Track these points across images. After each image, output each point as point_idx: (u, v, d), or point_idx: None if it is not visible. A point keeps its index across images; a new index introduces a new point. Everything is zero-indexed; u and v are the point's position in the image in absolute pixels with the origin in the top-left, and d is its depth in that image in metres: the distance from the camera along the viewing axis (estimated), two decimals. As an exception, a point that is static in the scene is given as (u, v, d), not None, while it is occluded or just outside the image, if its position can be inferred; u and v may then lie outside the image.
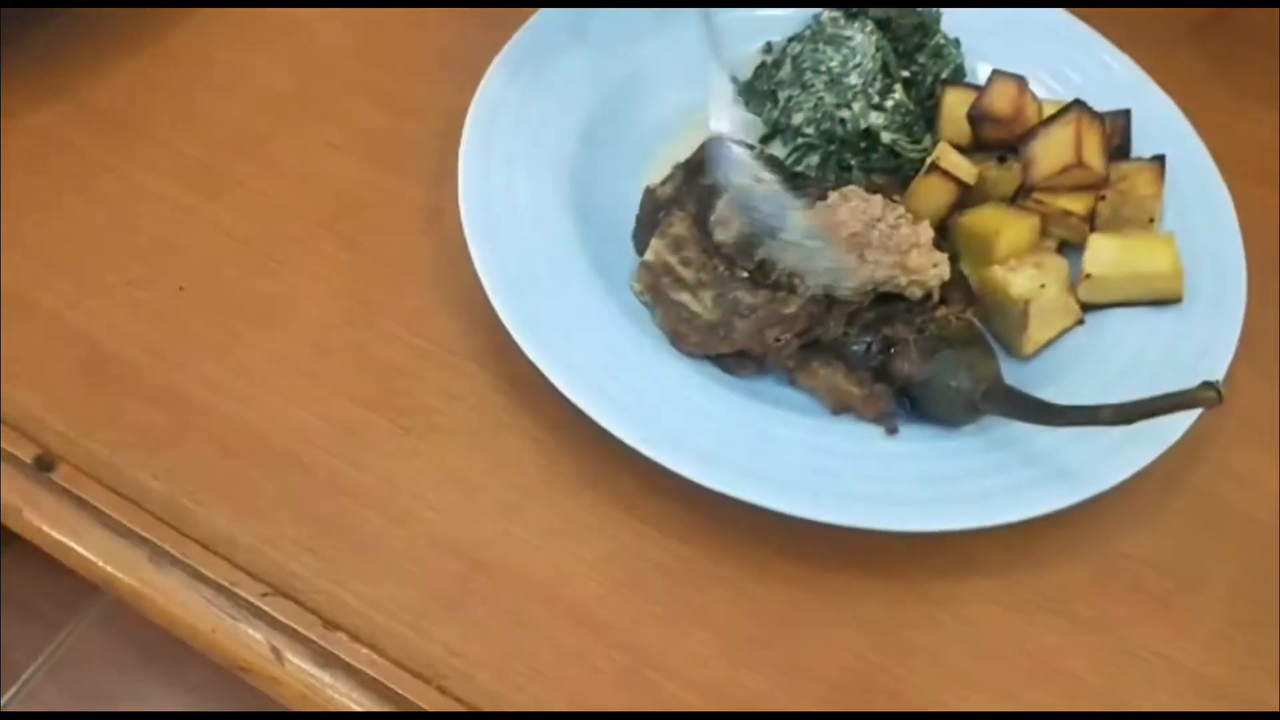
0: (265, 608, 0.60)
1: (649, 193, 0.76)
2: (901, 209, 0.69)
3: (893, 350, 0.65)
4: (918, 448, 0.64)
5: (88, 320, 0.69)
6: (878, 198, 0.71)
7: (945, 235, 0.72)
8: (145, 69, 0.81)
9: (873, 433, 0.65)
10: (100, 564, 0.62)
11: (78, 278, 0.70)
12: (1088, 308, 0.71)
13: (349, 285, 0.72)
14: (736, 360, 0.67)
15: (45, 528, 0.62)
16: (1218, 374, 0.67)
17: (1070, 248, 0.73)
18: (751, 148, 0.78)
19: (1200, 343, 0.69)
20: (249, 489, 0.63)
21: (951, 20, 0.82)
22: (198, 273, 0.71)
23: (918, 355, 0.64)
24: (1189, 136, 0.78)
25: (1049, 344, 0.70)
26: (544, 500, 0.64)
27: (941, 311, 0.66)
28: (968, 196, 0.73)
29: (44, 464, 0.63)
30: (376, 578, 0.61)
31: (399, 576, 0.61)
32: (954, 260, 0.70)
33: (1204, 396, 0.55)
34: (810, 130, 0.78)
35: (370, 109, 0.80)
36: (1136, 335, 0.69)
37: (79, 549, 0.62)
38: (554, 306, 0.67)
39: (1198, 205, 0.75)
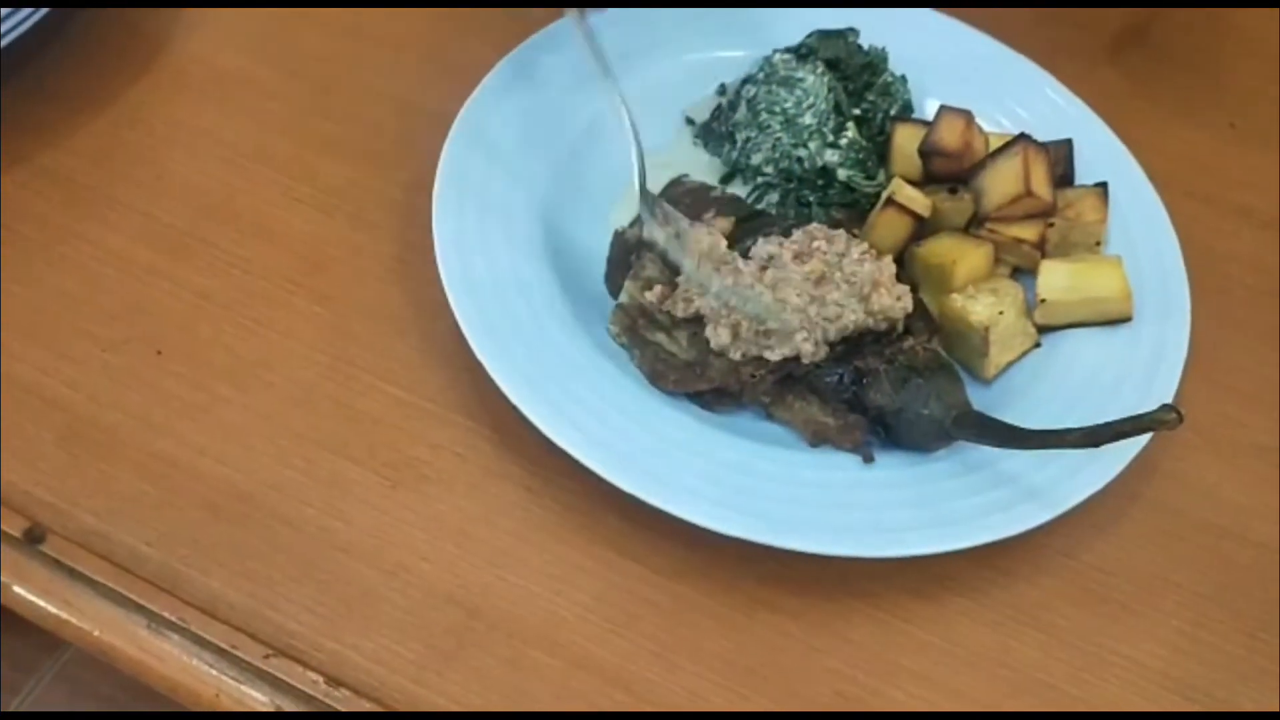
0: (268, 669, 0.60)
1: (618, 235, 0.78)
2: (864, 245, 0.72)
3: (865, 381, 0.67)
4: (894, 475, 0.66)
5: (67, 389, 0.69)
6: (840, 233, 0.74)
7: (904, 265, 0.75)
8: (106, 131, 0.81)
9: (850, 462, 0.67)
10: (97, 634, 0.62)
11: (53, 347, 0.70)
12: (1044, 330, 0.74)
13: (326, 341, 0.72)
14: (714, 397, 0.69)
15: (38, 601, 0.62)
16: (1170, 387, 0.71)
17: (1023, 273, 0.77)
18: (712, 188, 0.81)
19: (1151, 359, 0.72)
20: (242, 550, 0.64)
21: (897, 57, 0.85)
22: (173, 336, 0.72)
23: (889, 386, 0.66)
24: (1126, 160, 0.82)
25: (1009, 366, 0.73)
26: (535, 545, 0.66)
27: (909, 342, 0.68)
28: (923, 228, 0.76)
29: (34, 536, 0.63)
30: (375, 632, 0.62)
31: (397, 629, 0.62)
32: (914, 289, 0.73)
33: (1164, 419, 0.59)
34: (769, 170, 0.80)
35: (335, 163, 0.81)
36: (1091, 354, 0.73)
37: (74, 621, 0.62)
38: (535, 352, 0.68)
39: (1139, 226, 0.78)
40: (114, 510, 0.64)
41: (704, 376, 0.69)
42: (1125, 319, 0.74)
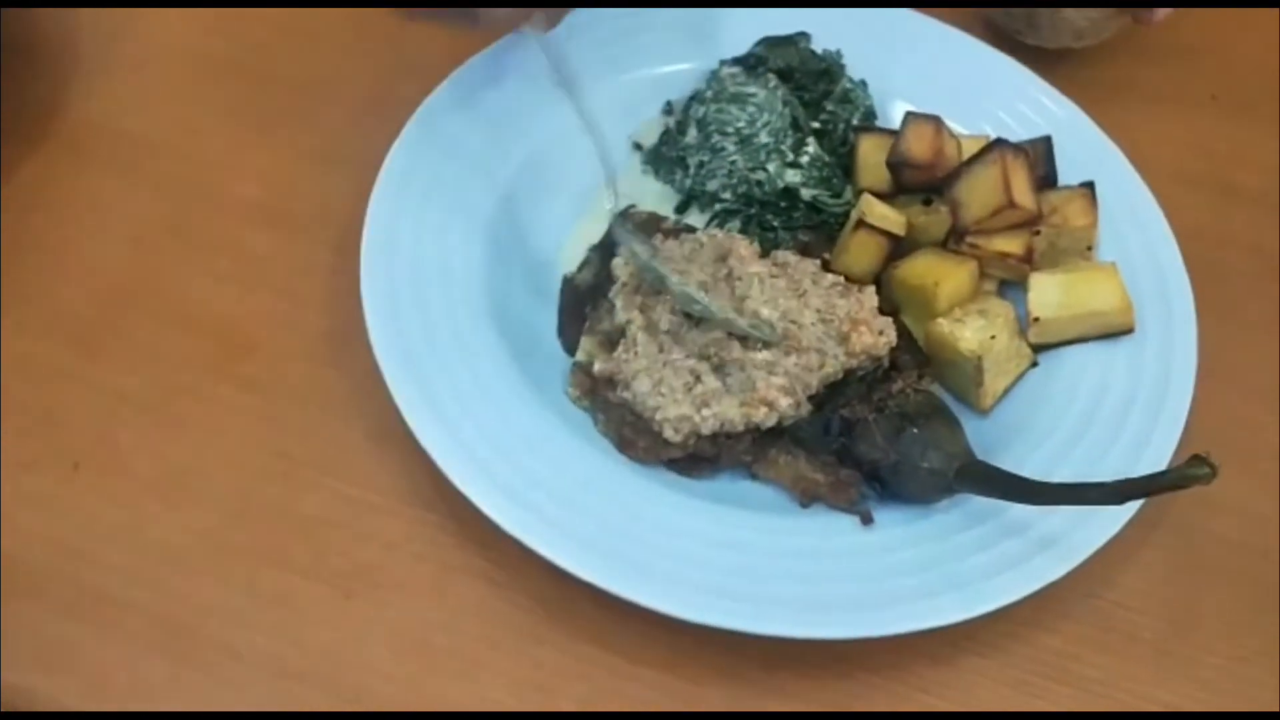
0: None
1: (568, 283, 0.72)
2: (838, 279, 0.66)
3: (854, 432, 0.61)
4: (895, 535, 0.60)
5: (-24, 522, 0.62)
6: (809, 262, 0.68)
7: (880, 289, 0.69)
8: (-2, 216, 0.74)
9: (846, 524, 0.61)
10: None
11: (-43, 472, 0.63)
12: (1039, 348, 0.68)
13: (259, 436, 0.66)
14: (690, 462, 0.63)
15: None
16: (1183, 403, 0.65)
17: (1011, 285, 0.71)
18: (664, 218, 0.74)
19: (1160, 372, 0.67)
20: (185, 691, 0.58)
21: (854, 60, 0.78)
22: (91, 447, 0.65)
23: (880, 437, 0.60)
24: (1109, 152, 0.76)
25: (1007, 393, 0.67)
26: (510, 650, 0.60)
27: (897, 384, 0.62)
28: (900, 247, 0.70)
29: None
30: (339, 769, 0.56)
31: (364, 763, 0.56)
32: (895, 314, 0.67)
33: (1196, 475, 0.52)
34: (728, 195, 0.74)
35: (254, 230, 0.74)
36: (1094, 373, 0.67)
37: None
38: (486, 430, 0.62)
39: (1130, 226, 0.73)
40: (45, 662, 0.58)
41: (677, 442, 0.62)
42: (1127, 331, 0.68)
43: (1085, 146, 0.75)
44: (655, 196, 0.76)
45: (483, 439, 0.61)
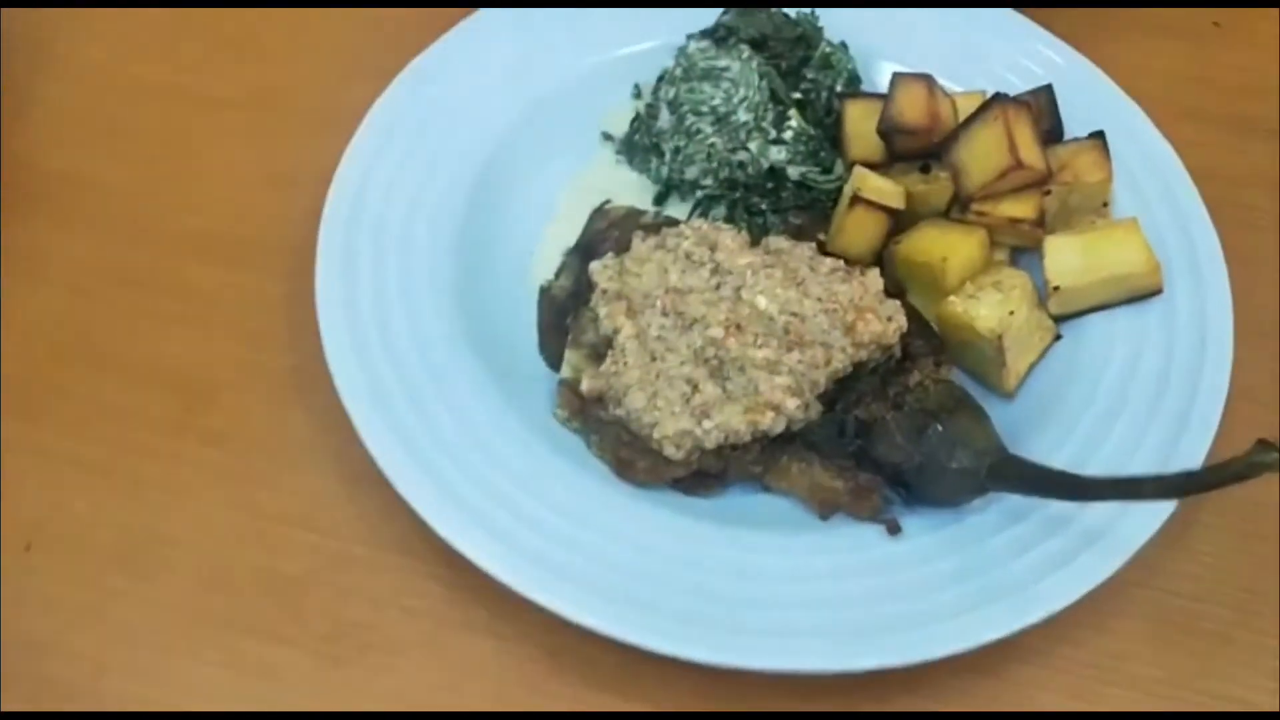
0: None
1: (545, 293, 0.66)
2: (837, 262, 0.61)
3: (872, 433, 0.56)
4: (926, 544, 0.55)
5: (-76, 620, 0.57)
6: (804, 247, 0.63)
7: (883, 268, 0.64)
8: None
9: (872, 535, 0.56)
10: None
11: (-104, 564, 0.58)
12: (1061, 318, 0.63)
13: (227, 491, 0.60)
14: (695, 481, 0.58)
15: None
16: (1223, 369, 0.60)
17: (1023, 252, 0.65)
18: (643, 213, 0.68)
19: (1195, 335, 0.61)
20: (166, 787, 0.52)
21: (830, 21, 0.73)
22: (43, 521, 0.59)
23: (901, 437, 0.55)
24: (1115, 97, 0.70)
25: (1030, 370, 0.62)
26: (523, 708, 0.54)
27: (914, 377, 0.57)
28: (899, 221, 0.65)
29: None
30: None
31: None
32: (901, 295, 0.62)
33: (1264, 462, 0.47)
34: (709, 181, 0.68)
35: (201, 265, 0.68)
36: (1125, 341, 0.62)
37: None
38: (468, 467, 0.56)
39: (1146, 175, 0.67)
40: (2, 769, 0.53)
41: (680, 460, 0.57)
42: (1155, 292, 0.63)
43: (1089, 93, 0.70)
44: (631, 188, 0.71)
45: (466, 479, 0.56)
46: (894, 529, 0.55)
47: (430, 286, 0.64)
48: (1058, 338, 0.63)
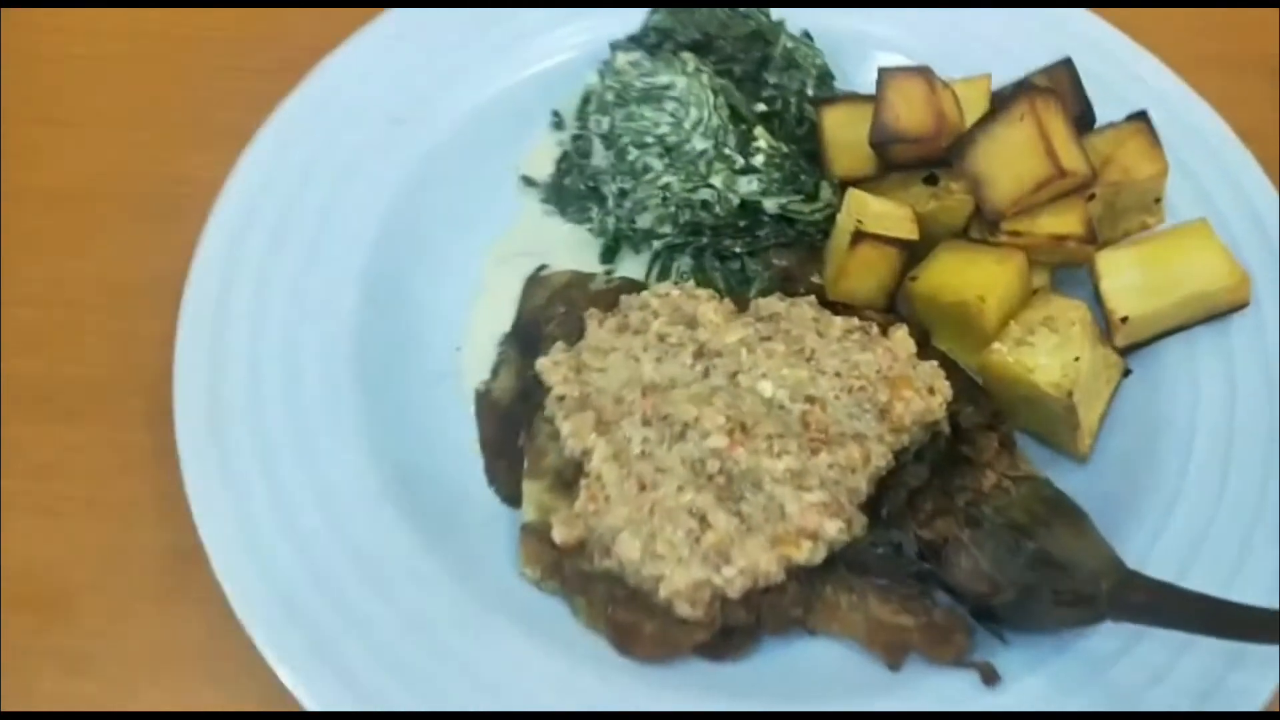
0: None
1: (483, 399, 0.52)
2: (850, 320, 0.48)
3: (943, 558, 0.43)
4: (1034, 688, 0.42)
5: None
6: (803, 305, 0.50)
7: (892, 305, 0.52)
8: None
9: (961, 686, 0.43)
10: None
11: None
12: (1128, 348, 0.51)
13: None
14: (722, 642, 0.44)
15: None
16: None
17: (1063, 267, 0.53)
18: (590, 277, 0.54)
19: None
20: None
21: (785, 10, 0.59)
22: None
23: (987, 563, 0.42)
24: (1145, 62, 0.58)
25: (1102, 421, 0.50)
26: None
27: (988, 479, 0.44)
28: (914, 252, 0.52)
29: None
30: None
31: None
32: (927, 344, 0.50)
33: None
34: (667, 229, 0.55)
35: (36, 424, 0.54)
36: (1210, 367, 0.51)
37: None
38: (427, 685, 0.42)
39: (1200, 157, 0.55)
40: None
41: (701, 622, 0.44)
42: (1240, 307, 0.51)
43: (1112, 62, 0.57)
44: (569, 245, 0.57)
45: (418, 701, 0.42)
46: (990, 677, 0.43)
47: (331, 423, 0.49)
48: (1127, 373, 0.51)
